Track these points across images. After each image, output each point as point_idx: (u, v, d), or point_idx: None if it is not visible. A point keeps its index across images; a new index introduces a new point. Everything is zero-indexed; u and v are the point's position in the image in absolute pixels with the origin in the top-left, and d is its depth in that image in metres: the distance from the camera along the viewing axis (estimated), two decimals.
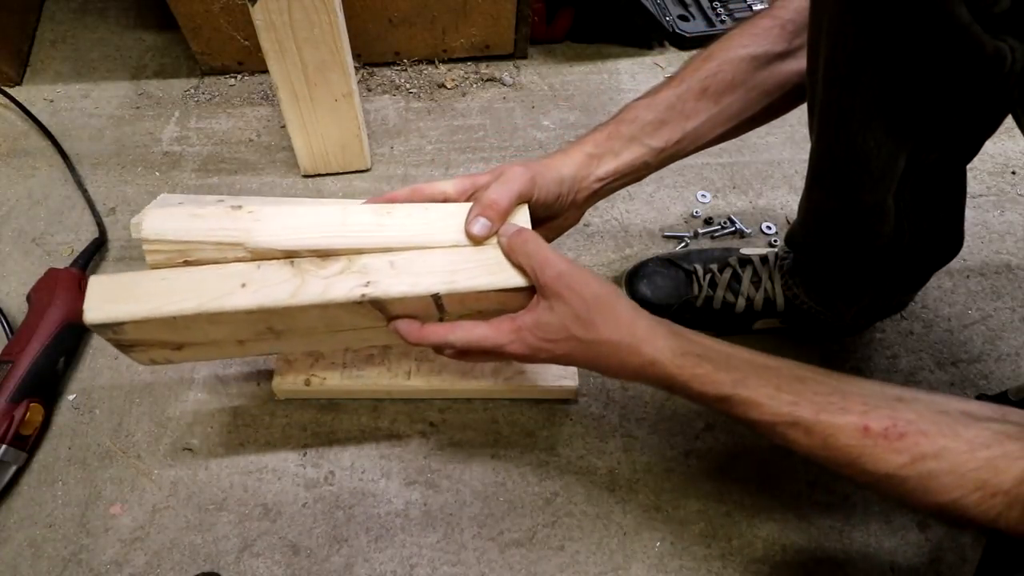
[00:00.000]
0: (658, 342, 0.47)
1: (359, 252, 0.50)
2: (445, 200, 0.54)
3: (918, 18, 0.41)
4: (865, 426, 0.40)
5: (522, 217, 0.52)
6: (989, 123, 0.50)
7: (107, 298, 0.48)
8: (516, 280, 0.50)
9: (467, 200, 0.54)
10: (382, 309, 0.51)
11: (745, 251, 0.77)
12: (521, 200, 0.52)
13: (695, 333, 0.49)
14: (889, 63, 0.45)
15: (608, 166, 0.57)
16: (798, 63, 0.55)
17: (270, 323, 0.51)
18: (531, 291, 0.50)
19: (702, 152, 0.61)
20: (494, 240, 0.51)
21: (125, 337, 0.50)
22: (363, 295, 0.48)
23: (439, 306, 0.51)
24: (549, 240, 0.60)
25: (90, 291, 0.48)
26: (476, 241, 0.51)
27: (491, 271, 0.50)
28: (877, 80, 0.46)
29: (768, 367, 0.45)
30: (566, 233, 0.63)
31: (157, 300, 0.48)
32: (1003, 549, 0.40)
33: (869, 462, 0.40)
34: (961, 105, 0.47)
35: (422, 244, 0.51)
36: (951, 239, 0.64)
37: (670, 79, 0.58)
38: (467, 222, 0.51)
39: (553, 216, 0.58)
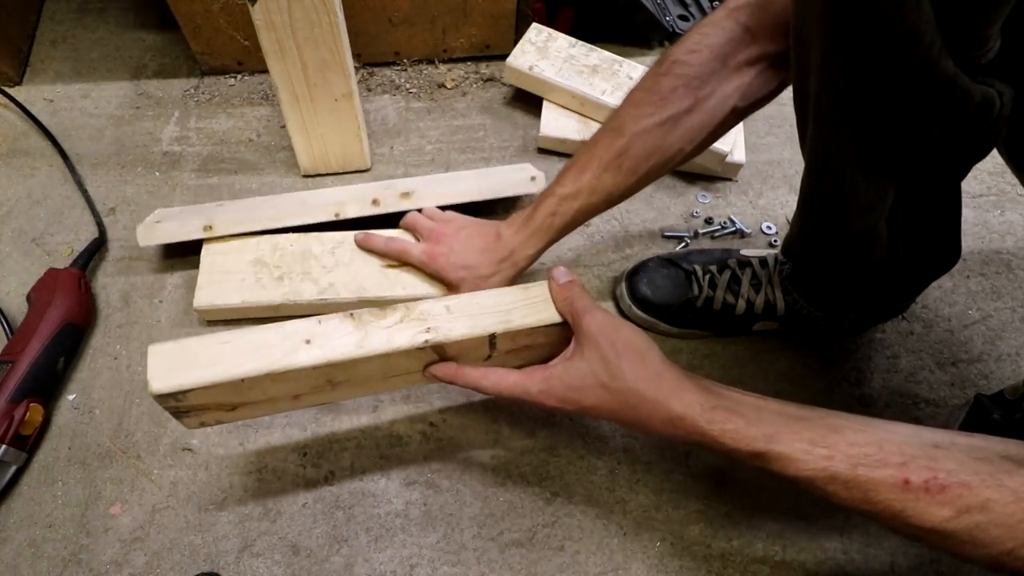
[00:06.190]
0: (687, 396, 0.47)
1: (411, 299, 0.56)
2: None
3: (904, 71, 0.40)
4: (904, 479, 0.39)
5: None
6: (978, 156, 0.50)
7: (171, 366, 0.48)
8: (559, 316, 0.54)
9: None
10: (440, 352, 0.53)
11: (745, 252, 0.77)
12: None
13: (724, 387, 0.49)
14: (876, 109, 0.45)
15: (528, 251, 0.67)
16: (703, 115, 0.58)
17: (331, 376, 0.52)
18: (569, 328, 0.54)
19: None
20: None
21: (186, 404, 0.50)
22: (426, 341, 0.51)
23: (492, 344, 0.54)
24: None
25: (152, 361, 0.48)
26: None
27: (539, 309, 0.54)
28: (863, 123, 0.46)
29: (801, 418, 0.45)
30: (568, 235, 0.67)
31: (224, 364, 0.48)
32: None
33: (912, 516, 0.39)
34: (949, 146, 0.47)
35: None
36: (948, 252, 0.64)
37: (583, 157, 0.62)
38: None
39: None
